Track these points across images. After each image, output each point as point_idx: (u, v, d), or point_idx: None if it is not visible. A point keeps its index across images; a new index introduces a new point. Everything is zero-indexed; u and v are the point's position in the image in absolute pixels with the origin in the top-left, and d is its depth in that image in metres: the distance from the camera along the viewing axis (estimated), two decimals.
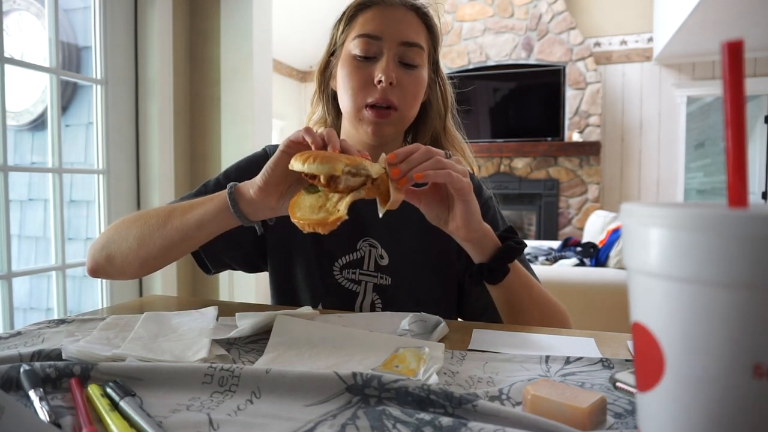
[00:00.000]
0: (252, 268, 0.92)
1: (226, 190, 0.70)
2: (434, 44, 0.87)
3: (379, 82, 0.79)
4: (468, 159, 0.91)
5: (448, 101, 0.92)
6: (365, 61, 0.81)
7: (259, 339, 0.59)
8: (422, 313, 0.63)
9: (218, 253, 0.84)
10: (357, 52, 0.81)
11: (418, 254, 0.86)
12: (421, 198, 0.69)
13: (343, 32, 0.85)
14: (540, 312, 0.75)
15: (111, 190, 2.23)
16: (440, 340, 0.60)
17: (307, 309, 0.69)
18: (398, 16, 0.82)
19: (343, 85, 0.83)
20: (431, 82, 0.89)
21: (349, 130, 0.88)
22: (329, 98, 0.92)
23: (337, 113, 0.91)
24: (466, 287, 0.87)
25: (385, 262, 0.85)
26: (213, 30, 2.47)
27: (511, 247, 0.71)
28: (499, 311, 0.76)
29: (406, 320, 0.61)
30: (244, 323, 0.59)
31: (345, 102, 0.83)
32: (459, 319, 0.87)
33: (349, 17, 0.84)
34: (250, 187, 0.69)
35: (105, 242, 0.77)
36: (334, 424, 0.38)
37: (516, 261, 0.72)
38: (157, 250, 0.74)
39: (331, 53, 0.88)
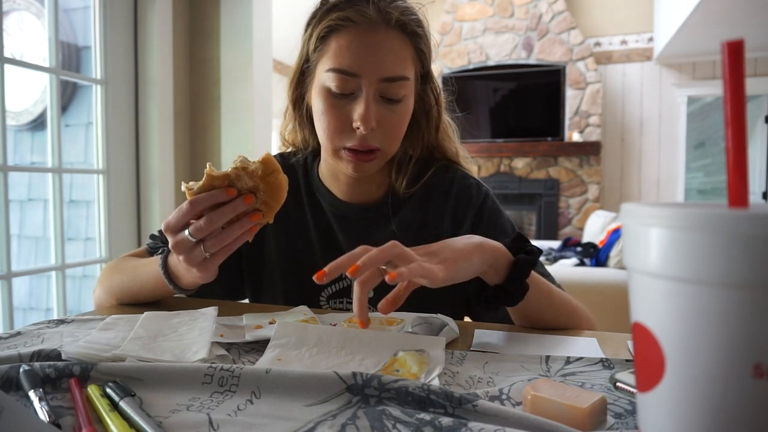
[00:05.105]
0: (237, 297, 0.89)
1: (159, 263, 0.69)
2: (422, 60, 0.78)
3: (358, 128, 0.72)
4: (464, 162, 0.88)
5: (442, 113, 0.84)
6: (342, 98, 0.73)
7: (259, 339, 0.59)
8: (427, 315, 0.62)
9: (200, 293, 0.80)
10: (332, 87, 0.72)
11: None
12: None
13: (315, 51, 0.75)
14: (567, 318, 0.68)
15: (111, 190, 2.23)
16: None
17: (302, 308, 0.70)
18: (378, 41, 0.71)
19: (318, 119, 0.76)
20: (418, 97, 0.80)
21: (327, 159, 0.82)
22: (304, 115, 0.83)
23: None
24: (481, 313, 0.80)
25: (371, 294, 0.80)
26: (213, 30, 2.47)
27: (524, 261, 0.63)
28: (518, 324, 0.70)
29: (408, 323, 0.61)
30: (251, 334, 0.59)
31: (321, 138, 0.76)
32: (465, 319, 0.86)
33: (320, 37, 0.74)
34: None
35: (102, 294, 0.79)
36: (334, 424, 0.38)
37: (532, 272, 0.65)
38: (142, 299, 0.76)
39: (305, 66, 0.79)
